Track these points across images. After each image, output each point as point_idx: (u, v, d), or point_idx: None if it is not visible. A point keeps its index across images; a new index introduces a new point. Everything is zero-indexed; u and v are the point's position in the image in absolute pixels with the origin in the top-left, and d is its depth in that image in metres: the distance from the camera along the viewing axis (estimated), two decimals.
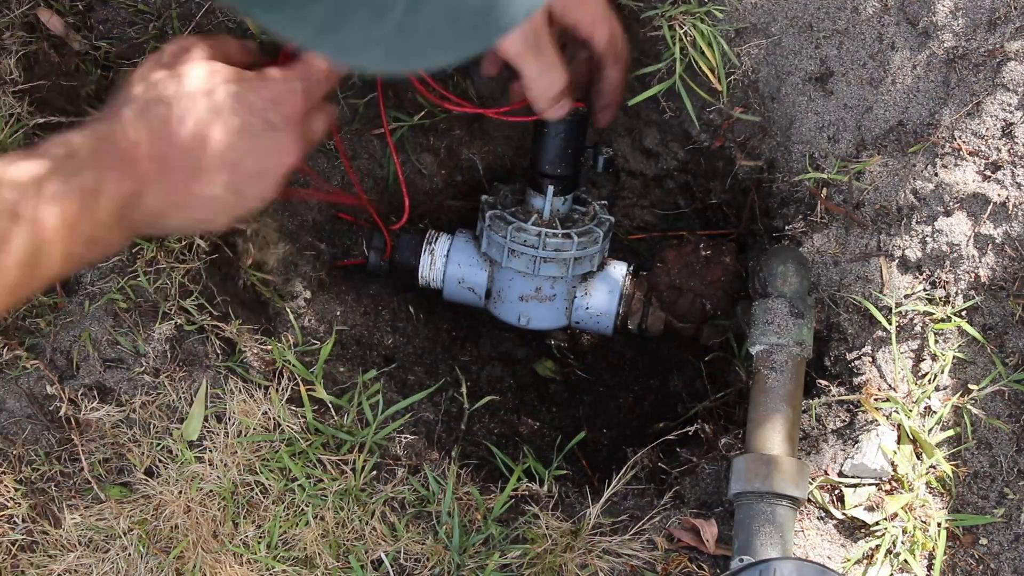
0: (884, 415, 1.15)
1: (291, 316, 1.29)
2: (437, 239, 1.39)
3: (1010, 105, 1.19)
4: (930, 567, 1.09)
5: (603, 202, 1.39)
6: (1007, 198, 1.17)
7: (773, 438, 1.10)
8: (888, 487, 1.12)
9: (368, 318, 1.45)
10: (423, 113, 1.39)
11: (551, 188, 1.30)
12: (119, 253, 1.18)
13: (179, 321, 1.18)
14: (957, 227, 1.19)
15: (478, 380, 1.57)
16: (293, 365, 1.20)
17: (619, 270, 1.39)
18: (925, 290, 1.20)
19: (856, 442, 1.14)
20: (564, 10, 1.05)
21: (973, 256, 1.18)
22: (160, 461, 1.14)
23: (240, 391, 1.17)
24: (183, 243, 1.20)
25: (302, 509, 1.12)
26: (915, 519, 1.10)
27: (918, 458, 1.13)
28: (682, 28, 1.26)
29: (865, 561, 1.09)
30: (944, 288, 1.19)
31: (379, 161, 1.44)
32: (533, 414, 1.56)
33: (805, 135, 1.29)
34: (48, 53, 1.19)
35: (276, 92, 0.86)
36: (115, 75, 1.24)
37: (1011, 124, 1.18)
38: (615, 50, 1.15)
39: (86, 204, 0.73)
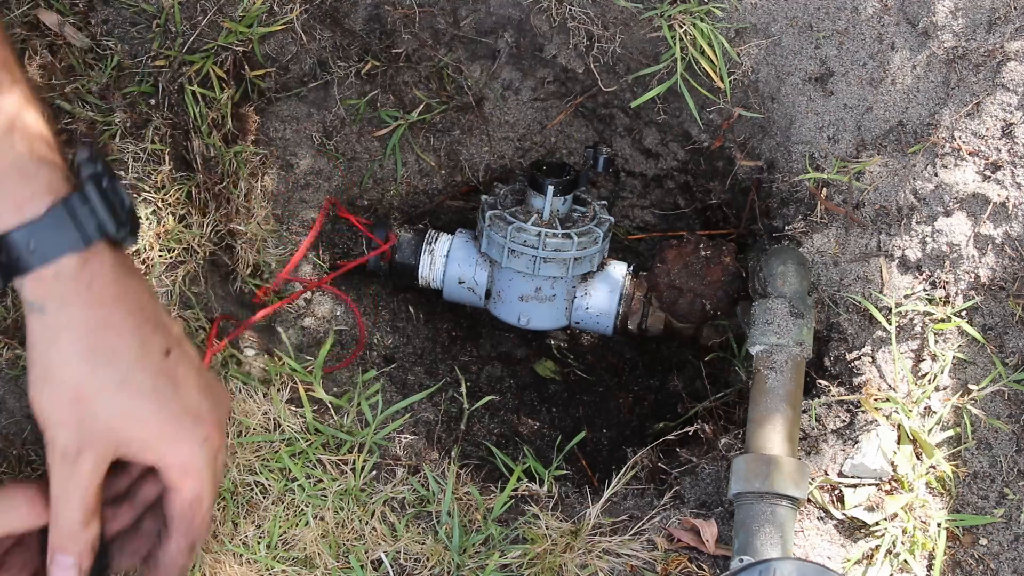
0: (884, 415, 1.15)
1: (291, 316, 1.29)
2: (437, 239, 1.39)
3: (1010, 105, 1.19)
4: (930, 567, 1.09)
5: (603, 202, 1.39)
6: (1007, 198, 1.17)
7: (773, 438, 1.10)
8: (888, 487, 1.12)
9: (368, 318, 1.45)
10: (421, 107, 1.39)
11: (551, 188, 1.30)
12: None
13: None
14: (957, 227, 1.19)
15: (478, 380, 1.57)
16: (293, 365, 1.20)
17: (619, 270, 1.39)
18: (925, 290, 1.20)
19: (856, 442, 1.14)
20: (145, 444, 0.74)
21: (973, 256, 1.18)
22: None
23: (240, 391, 1.17)
24: (182, 246, 1.20)
25: (302, 509, 1.12)
26: (915, 519, 1.10)
27: (918, 458, 1.12)
28: (682, 28, 1.26)
29: (865, 561, 1.09)
30: (944, 288, 1.19)
31: (379, 161, 1.44)
32: (533, 414, 1.56)
33: (805, 135, 1.29)
34: (43, 51, 1.19)
35: None
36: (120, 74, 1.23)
37: (1011, 124, 1.18)
38: (192, 519, 0.78)
39: None
